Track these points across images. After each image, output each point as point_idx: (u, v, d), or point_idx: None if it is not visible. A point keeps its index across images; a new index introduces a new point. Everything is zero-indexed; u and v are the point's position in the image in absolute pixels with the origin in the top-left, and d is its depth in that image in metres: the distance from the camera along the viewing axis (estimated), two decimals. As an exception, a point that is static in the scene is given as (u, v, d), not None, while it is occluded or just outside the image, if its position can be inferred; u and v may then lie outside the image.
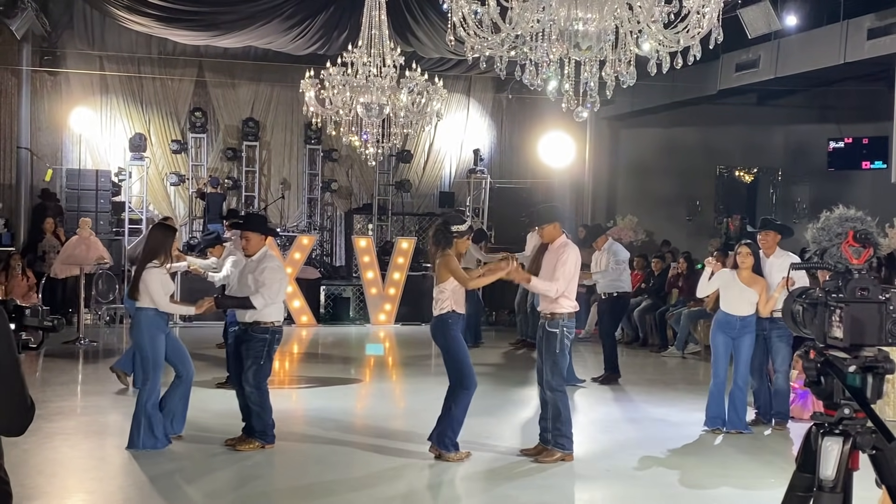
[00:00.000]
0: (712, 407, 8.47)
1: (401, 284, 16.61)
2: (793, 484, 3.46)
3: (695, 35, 5.82)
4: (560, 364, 7.29)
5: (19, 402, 2.79)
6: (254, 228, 7.62)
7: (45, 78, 18.17)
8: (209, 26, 16.25)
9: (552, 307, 7.24)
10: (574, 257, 7.25)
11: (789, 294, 3.54)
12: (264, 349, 7.41)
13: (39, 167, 17.94)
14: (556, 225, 7.38)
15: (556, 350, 7.23)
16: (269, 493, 6.59)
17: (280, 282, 7.50)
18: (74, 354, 12.43)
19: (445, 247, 7.14)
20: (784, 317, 3.57)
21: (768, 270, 8.53)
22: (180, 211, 18.94)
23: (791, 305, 3.51)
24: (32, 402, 2.85)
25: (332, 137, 15.94)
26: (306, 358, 13.22)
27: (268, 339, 7.41)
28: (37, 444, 7.31)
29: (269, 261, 7.48)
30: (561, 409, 7.29)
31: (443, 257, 7.11)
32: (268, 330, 7.42)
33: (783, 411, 8.74)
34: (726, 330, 8.41)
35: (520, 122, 21.10)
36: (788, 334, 8.40)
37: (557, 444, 7.30)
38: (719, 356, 8.46)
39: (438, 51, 16.71)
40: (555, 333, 7.21)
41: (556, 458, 7.24)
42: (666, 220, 19.83)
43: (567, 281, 7.16)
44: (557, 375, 7.30)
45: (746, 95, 18.65)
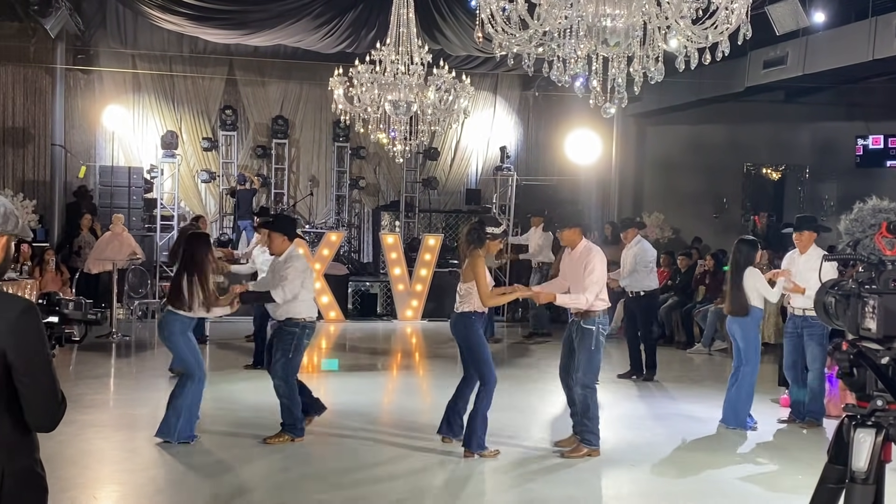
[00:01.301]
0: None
1: (427, 281, 16.69)
2: (824, 476, 3.44)
3: (723, 31, 5.85)
4: (594, 361, 7.30)
5: (51, 397, 2.88)
6: (278, 230, 7.86)
7: (78, 76, 18.45)
8: (239, 25, 16.42)
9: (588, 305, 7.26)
10: (600, 262, 7.26)
11: (822, 286, 3.53)
12: (293, 342, 7.58)
13: (73, 164, 18.22)
14: (576, 230, 7.42)
15: (592, 347, 7.25)
16: (297, 485, 6.66)
17: (302, 279, 7.62)
18: (107, 348, 12.58)
19: (478, 246, 7.24)
20: (816, 309, 3.53)
21: (800, 268, 8.52)
22: (211, 207, 19.15)
23: (823, 297, 3.48)
24: (64, 397, 2.94)
25: (360, 135, 16.05)
26: (334, 352, 13.33)
27: (297, 334, 7.60)
28: (70, 436, 7.42)
29: (294, 260, 7.69)
30: (590, 405, 7.33)
31: (473, 257, 7.22)
32: (298, 324, 7.61)
33: (815, 410, 8.68)
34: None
35: (546, 119, 21.14)
36: (820, 333, 8.39)
37: (584, 440, 7.36)
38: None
39: (466, 48, 16.80)
40: (591, 331, 7.23)
41: (583, 454, 7.31)
42: (693, 217, 19.80)
43: (598, 288, 7.20)
44: (590, 373, 7.32)
45: (774, 93, 18.59)
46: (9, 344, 2.76)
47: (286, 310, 7.62)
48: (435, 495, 6.52)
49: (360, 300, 17.42)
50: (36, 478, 2.94)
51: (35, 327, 2.84)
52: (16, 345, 2.77)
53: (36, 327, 2.84)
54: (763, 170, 21.17)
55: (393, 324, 16.48)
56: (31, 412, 2.84)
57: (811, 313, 8.26)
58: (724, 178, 20.38)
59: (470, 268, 7.23)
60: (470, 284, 7.25)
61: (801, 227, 8.64)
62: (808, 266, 8.39)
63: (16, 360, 2.77)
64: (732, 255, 8.69)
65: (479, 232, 7.29)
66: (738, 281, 8.46)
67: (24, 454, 2.88)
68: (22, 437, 2.87)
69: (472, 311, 7.30)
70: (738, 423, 8.45)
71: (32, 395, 2.82)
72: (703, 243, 17.83)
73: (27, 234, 3.13)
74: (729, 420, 8.50)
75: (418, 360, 13.34)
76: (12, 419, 2.82)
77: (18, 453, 2.86)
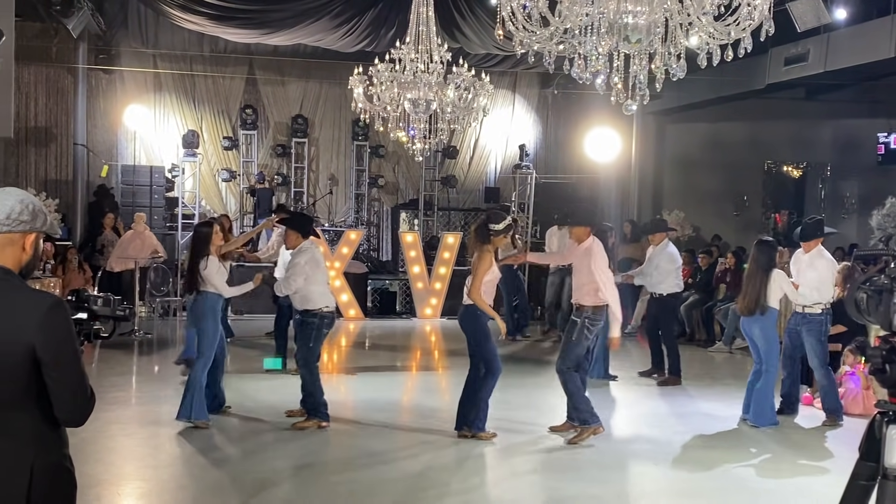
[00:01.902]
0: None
1: (446, 279, 16.72)
2: (856, 472, 3.42)
3: (745, 27, 5.84)
4: (570, 350, 7.63)
5: (80, 392, 2.91)
6: (293, 227, 8.20)
7: (100, 76, 18.57)
8: (260, 24, 16.49)
9: (579, 299, 7.66)
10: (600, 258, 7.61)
11: (853, 281, 3.53)
12: (312, 332, 7.95)
13: (95, 164, 18.35)
14: (586, 229, 7.77)
15: (573, 337, 7.62)
16: (318, 478, 6.74)
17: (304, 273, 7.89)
18: (129, 346, 12.68)
19: (484, 242, 7.47)
20: (847, 305, 3.51)
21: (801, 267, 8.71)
22: (231, 206, 19.24)
23: (855, 293, 3.46)
24: (92, 392, 2.96)
25: (379, 134, 16.09)
26: (354, 350, 13.39)
27: (316, 324, 7.95)
28: (94, 433, 7.47)
29: (298, 255, 8.02)
30: (571, 388, 7.64)
31: (480, 252, 7.47)
32: (316, 315, 7.96)
33: (830, 407, 8.67)
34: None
35: (565, 117, 21.11)
36: (818, 329, 8.55)
37: (582, 421, 7.63)
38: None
39: (485, 47, 16.81)
40: (575, 322, 7.63)
41: (587, 434, 7.56)
42: (713, 215, 19.74)
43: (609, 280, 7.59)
44: (563, 359, 7.66)
45: (795, 90, 18.51)
46: (38, 339, 2.78)
47: (303, 301, 7.97)
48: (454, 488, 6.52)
49: (380, 298, 17.47)
50: (65, 473, 2.97)
51: (63, 323, 2.86)
52: (45, 340, 2.79)
53: (64, 323, 2.86)
54: (784, 167, 21.07)
55: (412, 322, 16.51)
56: (61, 407, 2.87)
57: (809, 310, 8.59)
58: (744, 175, 20.30)
59: (476, 262, 7.47)
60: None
61: (807, 237, 8.76)
62: (809, 264, 8.64)
63: (45, 355, 2.80)
64: (752, 255, 8.67)
65: (485, 231, 7.51)
66: (758, 282, 8.41)
67: (53, 449, 2.91)
68: (51, 432, 2.90)
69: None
70: (768, 421, 8.45)
71: (61, 389, 2.84)
72: (724, 241, 17.76)
73: (55, 232, 3.13)
74: (759, 420, 8.45)
75: (437, 358, 13.37)
76: (41, 414, 2.85)
77: (48, 448, 2.88)
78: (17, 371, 2.78)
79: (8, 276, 2.89)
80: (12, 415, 2.81)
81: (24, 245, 2.95)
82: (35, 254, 3.00)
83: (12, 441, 2.81)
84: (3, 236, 2.91)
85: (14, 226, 2.91)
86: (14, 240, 2.93)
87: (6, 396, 2.80)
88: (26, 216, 2.93)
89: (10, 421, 2.81)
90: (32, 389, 2.82)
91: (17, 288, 2.89)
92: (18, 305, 2.82)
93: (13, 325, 2.78)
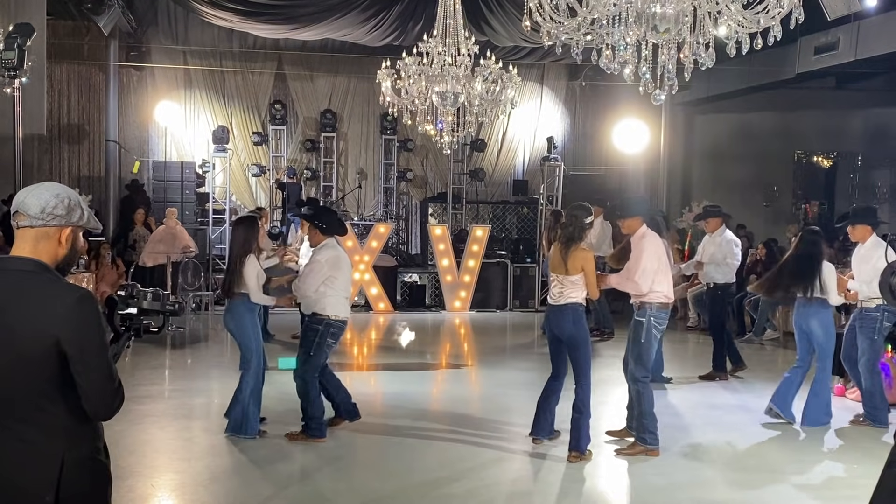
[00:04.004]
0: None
1: (475, 272, 16.76)
2: (890, 461, 3.39)
3: (775, 15, 5.80)
4: (644, 355, 7.15)
5: (107, 386, 2.89)
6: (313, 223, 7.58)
7: (131, 73, 18.76)
8: (288, 20, 16.60)
9: (641, 297, 7.16)
10: (651, 248, 7.14)
11: (888, 266, 3.49)
12: (315, 340, 7.33)
13: (127, 160, 18.55)
14: (637, 219, 7.28)
15: (642, 339, 7.12)
16: (351, 474, 6.78)
17: (324, 274, 7.33)
18: (162, 340, 12.76)
19: (578, 240, 6.99)
20: (882, 290, 3.46)
21: (856, 260, 8.36)
22: (261, 201, 19.37)
23: (890, 279, 3.43)
24: (120, 385, 2.94)
25: (407, 127, 16.15)
26: (383, 344, 13.46)
27: (320, 331, 7.33)
28: (128, 426, 7.59)
29: (318, 252, 7.45)
30: (644, 402, 7.16)
31: (580, 251, 6.96)
32: (322, 322, 7.34)
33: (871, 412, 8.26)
34: None
35: (593, 109, 21.06)
36: (871, 326, 8.11)
37: (640, 438, 7.20)
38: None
39: (512, 39, 16.82)
40: (641, 322, 7.13)
41: (639, 452, 7.15)
42: (742, 206, 19.56)
43: (651, 274, 7.07)
44: (641, 366, 7.17)
45: (825, 79, 18.33)
46: (63, 332, 2.78)
47: (312, 304, 7.40)
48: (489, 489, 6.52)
49: (409, 291, 17.54)
50: (98, 465, 2.97)
51: (91, 316, 2.85)
52: (70, 333, 2.79)
53: (92, 316, 2.85)
54: (814, 157, 20.88)
55: (441, 315, 16.57)
56: (88, 400, 2.86)
57: (866, 304, 8.14)
58: (774, 166, 20.14)
59: (579, 261, 6.91)
60: (575, 277, 6.95)
61: (855, 221, 8.38)
62: (861, 257, 8.25)
63: (70, 348, 2.79)
64: (800, 244, 8.24)
65: (580, 227, 7.01)
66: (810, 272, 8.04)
67: (84, 442, 2.91)
68: (82, 425, 2.89)
69: (579, 302, 7.02)
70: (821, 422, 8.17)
71: (88, 383, 2.83)
72: (748, 230, 17.63)
73: (94, 226, 3.11)
74: (813, 420, 8.17)
75: (467, 351, 13.41)
76: (71, 407, 2.85)
77: (79, 441, 2.89)
78: (46, 364, 2.79)
79: (41, 270, 2.88)
80: (42, 407, 2.81)
81: (59, 239, 2.95)
82: (72, 248, 2.99)
83: (42, 434, 2.82)
84: (38, 230, 2.91)
85: (48, 220, 2.91)
86: (49, 234, 2.92)
87: (35, 389, 2.80)
88: (61, 210, 2.92)
89: (39, 414, 2.82)
90: (62, 382, 2.82)
91: (48, 281, 2.88)
92: (47, 299, 2.82)
93: (41, 319, 2.78)
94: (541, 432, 7.31)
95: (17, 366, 2.78)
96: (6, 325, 2.78)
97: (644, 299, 7.13)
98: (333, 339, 7.45)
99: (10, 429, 2.81)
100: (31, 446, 2.81)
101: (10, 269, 2.89)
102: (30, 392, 2.80)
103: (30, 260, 2.89)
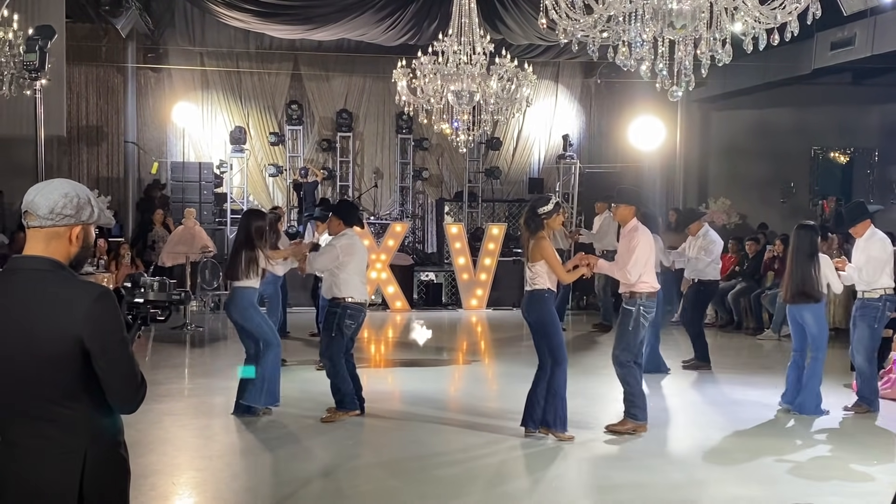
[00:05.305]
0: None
1: (492, 270, 16.79)
2: None
3: (791, 11, 5.81)
4: (629, 340, 7.48)
5: (130, 380, 2.92)
6: (337, 213, 8.21)
7: (149, 74, 18.89)
8: (304, 20, 16.67)
9: (630, 287, 7.47)
10: (644, 241, 7.42)
11: None
12: (335, 322, 7.87)
13: (145, 161, 18.70)
14: (631, 208, 7.55)
15: (629, 327, 7.45)
16: (368, 469, 6.81)
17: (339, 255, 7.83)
18: (181, 339, 12.88)
19: (537, 230, 7.26)
20: None
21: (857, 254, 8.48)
22: (279, 201, 19.46)
23: None
24: (143, 378, 2.96)
25: (422, 126, 16.18)
26: (400, 342, 13.50)
27: (339, 314, 7.86)
28: (148, 425, 7.65)
29: (340, 238, 8.00)
30: (630, 382, 7.51)
31: (537, 240, 7.24)
32: (339, 305, 7.88)
33: (865, 395, 8.51)
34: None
35: (609, 106, 21.04)
36: (872, 315, 8.32)
37: (629, 413, 7.54)
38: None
39: (527, 37, 16.84)
40: (630, 311, 7.46)
41: (628, 428, 7.46)
42: (759, 202, 19.55)
43: (641, 266, 7.37)
44: (625, 350, 7.50)
45: (841, 74, 18.24)
46: (85, 330, 2.80)
47: (330, 288, 7.93)
48: (502, 479, 6.58)
49: (426, 290, 17.58)
50: (119, 459, 3.00)
51: (111, 312, 2.86)
52: (92, 331, 2.81)
53: (112, 312, 2.87)
54: (831, 153, 20.77)
55: (458, 313, 16.60)
56: (113, 395, 2.89)
57: (869, 295, 8.37)
58: (790, 162, 20.05)
59: (537, 250, 7.22)
60: (539, 264, 7.24)
61: (852, 221, 8.60)
62: (861, 248, 8.44)
63: (93, 345, 2.81)
64: (794, 241, 8.48)
65: (534, 217, 7.30)
66: (805, 267, 8.25)
67: (106, 437, 2.94)
68: (104, 420, 2.93)
69: (546, 287, 7.27)
70: (814, 410, 8.35)
71: (112, 378, 2.87)
72: (770, 230, 17.60)
73: (107, 223, 3.11)
74: (805, 408, 8.36)
75: (484, 349, 13.44)
76: (94, 403, 2.88)
77: (101, 436, 2.92)
78: (68, 362, 2.81)
79: (56, 269, 2.89)
80: (65, 404, 2.84)
81: (70, 237, 2.94)
82: (84, 245, 2.99)
83: (65, 430, 2.85)
84: (48, 230, 2.91)
85: (58, 220, 2.90)
86: (60, 233, 2.92)
87: (58, 387, 2.83)
88: (70, 210, 2.92)
89: (63, 410, 2.84)
90: (84, 379, 2.84)
91: (64, 280, 2.89)
92: (66, 297, 2.83)
93: (61, 317, 2.80)
94: (530, 423, 7.43)
95: (38, 365, 2.81)
96: (26, 325, 2.81)
97: (633, 289, 7.45)
98: (352, 321, 7.93)
99: (33, 426, 2.84)
100: (55, 443, 2.84)
101: (26, 268, 2.90)
102: (52, 390, 2.83)
103: (44, 259, 2.90)
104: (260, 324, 7.97)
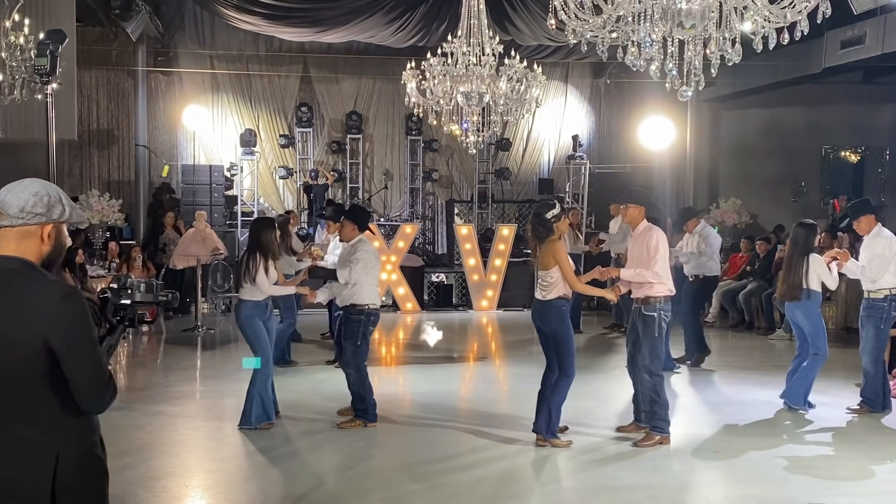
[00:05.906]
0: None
1: (502, 271, 16.80)
2: None
3: (801, 10, 5.79)
4: (658, 348, 7.32)
5: (97, 380, 2.88)
6: (350, 218, 8.09)
7: (159, 78, 18.96)
8: (314, 22, 16.70)
9: (646, 291, 7.27)
10: (662, 239, 7.30)
11: None
12: (359, 330, 7.77)
13: (156, 164, 18.76)
14: (640, 209, 7.45)
15: (655, 334, 7.25)
16: (379, 472, 6.81)
17: (367, 264, 7.79)
18: (192, 342, 12.94)
19: (547, 235, 7.14)
20: None
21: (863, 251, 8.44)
22: (289, 203, 19.51)
23: None
24: (111, 378, 2.93)
25: (432, 128, 16.21)
26: (411, 343, 13.51)
27: (363, 321, 7.77)
28: (160, 427, 7.71)
29: (361, 244, 7.93)
30: (659, 392, 7.32)
31: (550, 244, 7.10)
32: (363, 311, 7.78)
33: (869, 396, 8.46)
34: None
35: (618, 106, 21.04)
36: (878, 316, 8.28)
37: (655, 427, 7.33)
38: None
39: (536, 38, 16.84)
40: (652, 317, 7.24)
41: (655, 442, 7.27)
42: (770, 201, 19.49)
43: (664, 264, 7.24)
44: (655, 359, 7.32)
45: (852, 73, 18.17)
46: (50, 330, 2.78)
47: (349, 296, 7.78)
48: (512, 481, 6.59)
49: (436, 291, 17.59)
50: (94, 460, 2.97)
51: (77, 311, 2.84)
52: (57, 330, 2.79)
53: (78, 311, 2.84)
54: (841, 152, 20.72)
55: (468, 314, 16.60)
56: (79, 395, 2.86)
57: (874, 295, 8.33)
58: (801, 161, 20.00)
59: (549, 255, 7.09)
60: (553, 271, 7.09)
61: (857, 215, 8.59)
62: (866, 245, 8.38)
63: (59, 345, 2.79)
64: (790, 238, 8.52)
65: (543, 223, 7.17)
66: (795, 266, 8.35)
67: (79, 436, 2.93)
68: (76, 420, 2.90)
69: (560, 296, 7.13)
70: (800, 401, 8.43)
71: (78, 378, 2.83)
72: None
73: (77, 221, 3.04)
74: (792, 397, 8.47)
75: (495, 350, 13.44)
76: (62, 402, 2.85)
77: (74, 436, 2.90)
78: (36, 361, 2.79)
79: (26, 268, 2.87)
80: (35, 404, 2.82)
81: (42, 236, 2.93)
82: (56, 244, 2.97)
83: (37, 430, 2.82)
84: (19, 229, 2.89)
85: (28, 218, 2.88)
86: (31, 231, 2.90)
87: (27, 386, 2.81)
88: (40, 209, 2.90)
89: (32, 410, 2.82)
90: (54, 379, 2.82)
91: (33, 279, 2.86)
92: (33, 296, 2.81)
93: (28, 317, 2.78)
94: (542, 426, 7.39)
95: (8, 365, 2.79)
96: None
97: (650, 293, 7.25)
98: (373, 326, 7.93)
99: (4, 426, 2.82)
100: (26, 443, 2.81)
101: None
102: (22, 390, 2.81)
103: (14, 259, 2.88)
104: (252, 343, 7.79)
